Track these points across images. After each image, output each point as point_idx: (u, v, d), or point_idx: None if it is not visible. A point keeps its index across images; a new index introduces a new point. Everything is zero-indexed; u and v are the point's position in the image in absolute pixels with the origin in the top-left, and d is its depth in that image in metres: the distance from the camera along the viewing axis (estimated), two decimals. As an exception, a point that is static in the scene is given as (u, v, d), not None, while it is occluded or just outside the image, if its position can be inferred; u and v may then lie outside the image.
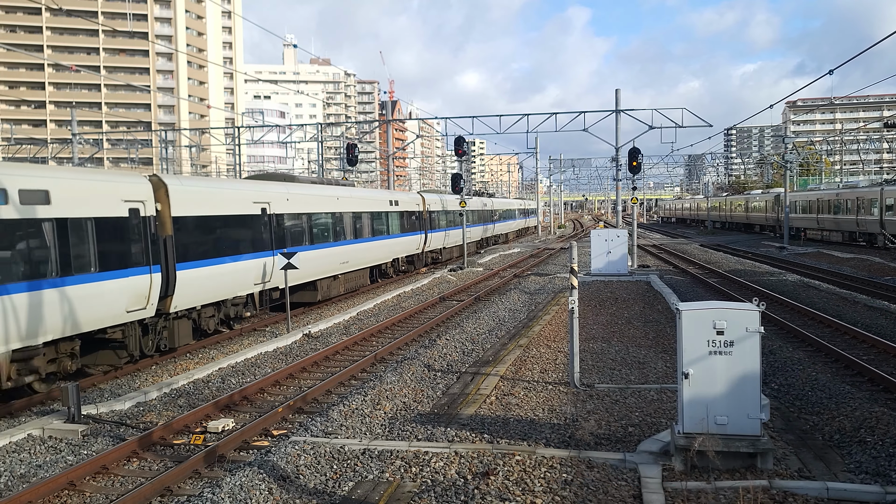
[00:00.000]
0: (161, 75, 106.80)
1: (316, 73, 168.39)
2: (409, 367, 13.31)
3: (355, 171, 75.20)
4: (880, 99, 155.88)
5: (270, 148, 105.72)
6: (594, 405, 10.59)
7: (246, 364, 14.85)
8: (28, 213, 11.54)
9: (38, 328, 11.63)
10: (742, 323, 7.73)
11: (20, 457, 9.72)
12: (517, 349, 14.73)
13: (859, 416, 9.93)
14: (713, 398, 7.81)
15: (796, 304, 20.51)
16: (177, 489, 8.47)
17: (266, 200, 19.13)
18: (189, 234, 15.64)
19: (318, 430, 9.66)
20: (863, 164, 77.41)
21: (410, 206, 32.36)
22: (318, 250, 21.95)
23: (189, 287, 15.52)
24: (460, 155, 35.41)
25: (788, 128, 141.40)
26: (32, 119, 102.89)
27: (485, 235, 51.24)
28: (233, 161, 57.10)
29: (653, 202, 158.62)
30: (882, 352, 14.56)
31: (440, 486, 7.54)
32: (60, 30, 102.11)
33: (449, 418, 10.17)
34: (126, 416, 11.49)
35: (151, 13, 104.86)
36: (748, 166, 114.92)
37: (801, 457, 8.36)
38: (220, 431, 10.51)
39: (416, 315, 20.99)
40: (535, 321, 18.39)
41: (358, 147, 37.97)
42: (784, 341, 15.77)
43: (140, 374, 14.33)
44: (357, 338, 17.16)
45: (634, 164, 30.58)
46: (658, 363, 13.30)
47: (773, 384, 12.20)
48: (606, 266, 27.72)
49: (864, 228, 43.58)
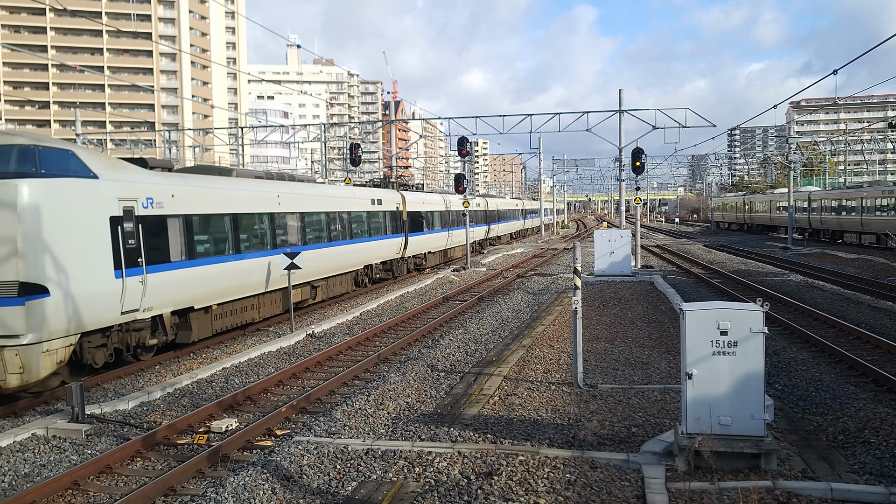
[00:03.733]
0: (165, 75, 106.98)
1: (319, 73, 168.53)
2: (413, 367, 13.32)
3: (358, 172, 75.22)
4: (885, 99, 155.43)
5: (274, 148, 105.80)
6: (597, 405, 10.58)
7: (249, 364, 14.87)
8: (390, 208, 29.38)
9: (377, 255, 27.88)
10: (746, 323, 7.72)
11: (24, 456, 9.74)
12: (520, 349, 14.73)
13: (863, 416, 9.90)
14: (717, 398, 7.80)
15: (800, 304, 20.46)
16: (180, 489, 8.48)
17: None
18: (411, 219, 31.59)
19: (322, 430, 9.67)
20: (867, 164, 77.24)
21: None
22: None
23: (413, 245, 31.92)
24: (463, 155, 35.42)
25: (792, 128, 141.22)
26: (36, 119, 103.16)
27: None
28: (236, 161, 57.20)
29: (656, 202, 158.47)
30: (886, 352, 14.52)
31: (443, 486, 7.54)
32: (64, 30, 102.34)
33: (452, 418, 10.17)
34: (130, 415, 11.51)
35: (155, 13, 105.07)
36: (752, 167, 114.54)
37: (804, 457, 8.34)
38: (223, 431, 10.52)
39: (419, 315, 20.99)
40: (538, 321, 18.38)
41: (361, 147, 38.00)
42: (788, 342, 15.74)
43: (144, 374, 14.35)
44: (360, 338, 17.17)
45: (638, 164, 30.55)
46: (661, 363, 13.28)
47: (777, 384, 12.18)
48: (610, 266, 27.71)
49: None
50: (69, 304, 12.05)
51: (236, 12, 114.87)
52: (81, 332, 12.60)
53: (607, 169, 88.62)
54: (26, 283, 11.43)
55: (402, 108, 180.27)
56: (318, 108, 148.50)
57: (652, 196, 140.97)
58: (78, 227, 12.48)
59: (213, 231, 16.73)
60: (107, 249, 12.99)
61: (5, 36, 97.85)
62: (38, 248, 11.60)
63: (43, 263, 11.63)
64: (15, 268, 11.38)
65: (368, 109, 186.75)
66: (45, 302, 11.58)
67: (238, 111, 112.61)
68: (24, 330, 11.43)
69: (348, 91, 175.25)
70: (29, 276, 11.46)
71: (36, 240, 11.56)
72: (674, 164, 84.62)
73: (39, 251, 11.61)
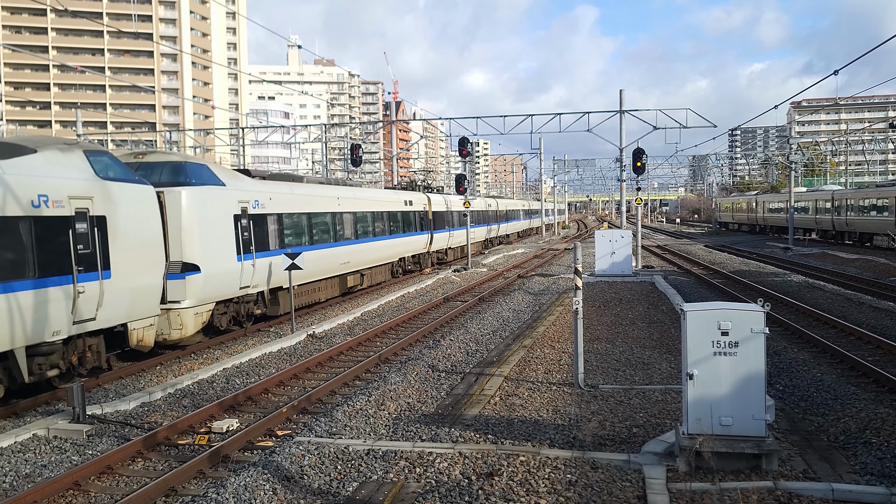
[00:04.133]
0: (165, 76, 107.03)
1: (320, 73, 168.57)
2: (414, 367, 13.32)
3: (359, 172, 75.19)
4: (886, 99, 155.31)
5: (275, 149, 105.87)
6: (598, 406, 10.58)
7: (250, 364, 14.87)
8: (419, 208, 33.35)
9: (410, 249, 31.55)
10: (747, 324, 7.72)
11: (25, 457, 9.75)
12: (521, 350, 14.73)
13: (864, 417, 9.90)
14: (718, 399, 7.80)
15: (801, 304, 20.46)
16: (181, 489, 8.48)
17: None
18: (437, 218, 35.68)
19: (323, 431, 9.67)
20: (868, 164, 77.23)
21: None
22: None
23: (436, 241, 35.86)
24: (464, 156, 35.43)
25: (793, 128, 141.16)
26: (38, 120, 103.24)
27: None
28: (237, 162, 57.21)
29: (656, 203, 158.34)
30: (887, 353, 14.51)
31: (444, 486, 7.54)
32: (65, 31, 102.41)
33: (453, 419, 10.17)
34: (131, 416, 11.52)
35: (156, 14, 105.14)
36: (752, 167, 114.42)
37: (805, 458, 8.34)
38: (224, 432, 10.52)
39: (420, 316, 20.99)
40: (539, 322, 18.38)
41: (362, 147, 38.01)
42: (789, 342, 15.73)
43: (145, 375, 14.36)
44: (361, 338, 17.17)
45: (639, 164, 30.53)
46: (662, 364, 13.28)
47: (778, 385, 12.17)
48: (611, 267, 27.71)
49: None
50: (211, 280, 16.10)
51: (237, 13, 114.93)
52: (216, 301, 16.66)
53: (608, 169, 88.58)
54: (186, 263, 15.48)
55: (402, 109, 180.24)
56: (319, 108, 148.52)
57: (653, 196, 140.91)
58: (215, 222, 16.56)
59: (295, 226, 20.79)
60: (231, 239, 17.09)
61: (6, 37, 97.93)
62: (193, 238, 15.62)
63: (196, 249, 15.64)
64: (180, 252, 15.38)
65: (369, 110, 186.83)
66: (197, 277, 15.62)
67: (239, 112, 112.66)
68: (183, 297, 15.41)
69: (349, 91, 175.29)
70: (187, 258, 15.51)
71: (191, 231, 15.61)
72: (675, 165, 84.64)
73: (193, 240, 15.64)
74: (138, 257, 13.90)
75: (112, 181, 13.46)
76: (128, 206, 13.71)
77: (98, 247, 12.80)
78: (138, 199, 14.10)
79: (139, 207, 14.10)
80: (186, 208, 15.49)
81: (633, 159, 30.78)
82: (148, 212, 14.39)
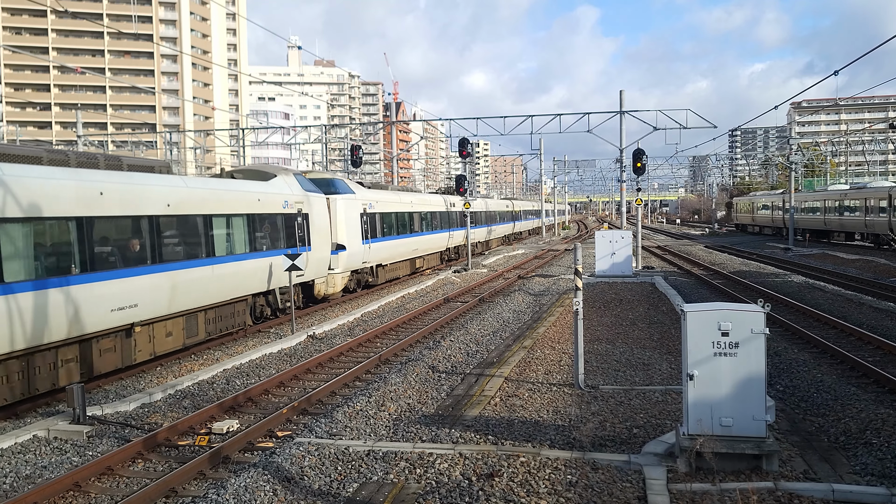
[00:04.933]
0: (166, 77, 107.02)
1: (320, 74, 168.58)
2: (414, 368, 13.32)
3: (359, 173, 75.26)
4: (886, 100, 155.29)
5: (275, 149, 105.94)
6: (599, 407, 10.57)
7: (250, 365, 14.87)
8: (458, 208, 39.84)
9: (453, 242, 39.84)
10: (747, 324, 7.71)
11: (25, 458, 9.75)
12: (521, 350, 14.72)
13: (865, 417, 9.90)
14: (718, 400, 7.80)
15: (801, 305, 20.45)
16: (181, 490, 8.48)
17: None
18: (472, 216, 40.85)
19: (323, 432, 9.67)
20: (868, 165, 77.23)
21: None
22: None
23: (472, 235, 41.45)
24: (464, 156, 35.44)
25: (793, 129, 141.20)
26: (38, 121, 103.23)
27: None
28: (238, 163, 57.20)
29: (657, 203, 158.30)
30: (888, 353, 14.51)
31: (445, 487, 7.54)
32: (65, 32, 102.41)
33: (453, 420, 10.16)
34: (131, 417, 11.52)
35: (156, 15, 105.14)
36: (753, 167, 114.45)
37: (806, 458, 8.34)
38: (224, 433, 10.52)
39: (420, 316, 20.99)
40: (539, 322, 18.38)
41: (362, 148, 38.02)
42: (789, 343, 15.73)
43: (145, 376, 14.37)
44: (361, 339, 17.17)
45: (639, 165, 30.53)
46: (663, 364, 13.28)
47: (779, 385, 12.17)
48: (611, 267, 27.70)
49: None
50: (351, 256, 24.27)
51: (237, 14, 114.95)
52: (351, 270, 24.90)
53: (608, 170, 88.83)
54: (338, 244, 23.57)
55: (403, 110, 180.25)
56: (319, 109, 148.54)
57: (653, 197, 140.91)
58: (352, 218, 24.69)
59: (389, 221, 28.82)
60: (359, 229, 25.15)
61: (7, 38, 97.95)
62: (342, 228, 23.85)
63: (344, 235, 23.85)
64: (336, 237, 23.51)
65: (369, 111, 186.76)
66: (344, 253, 23.71)
67: (239, 112, 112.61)
68: (338, 266, 23.41)
69: (349, 92, 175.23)
70: (340, 241, 23.66)
71: (341, 223, 23.84)
72: (675, 165, 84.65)
73: (343, 229, 23.89)
74: (321, 239, 21.90)
75: (309, 192, 21.48)
76: (316, 207, 21.71)
77: (307, 232, 20.85)
78: (320, 203, 22.22)
79: (320, 208, 22.14)
80: (341, 209, 23.85)
81: (634, 160, 30.78)
82: (324, 211, 22.44)
